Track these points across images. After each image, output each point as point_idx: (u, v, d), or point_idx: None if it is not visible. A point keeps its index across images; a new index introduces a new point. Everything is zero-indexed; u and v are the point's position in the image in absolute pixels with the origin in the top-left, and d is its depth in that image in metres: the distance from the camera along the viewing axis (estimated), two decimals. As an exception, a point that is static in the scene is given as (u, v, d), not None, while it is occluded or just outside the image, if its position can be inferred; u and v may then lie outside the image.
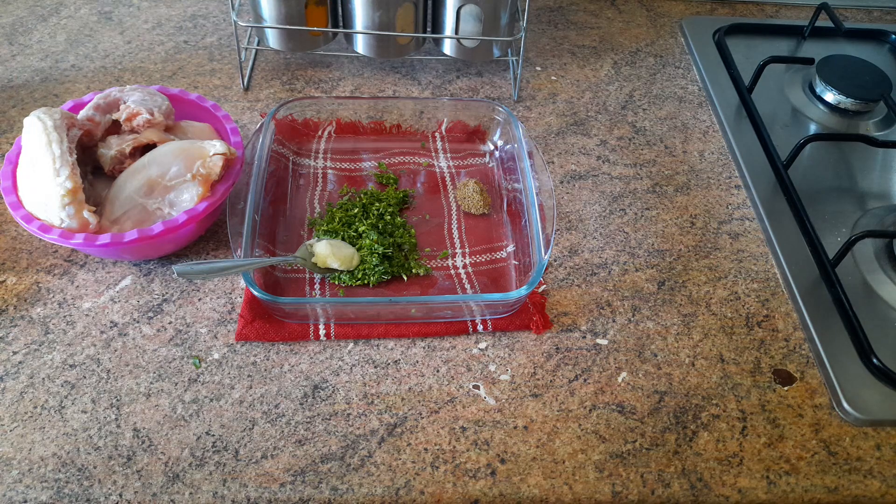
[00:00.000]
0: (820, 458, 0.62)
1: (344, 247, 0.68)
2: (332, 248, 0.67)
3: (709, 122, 0.91)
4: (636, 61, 0.99)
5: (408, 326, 0.67)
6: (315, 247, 0.67)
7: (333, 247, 0.67)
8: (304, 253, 0.67)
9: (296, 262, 0.67)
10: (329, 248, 0.67)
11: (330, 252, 0.67)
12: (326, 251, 0.67)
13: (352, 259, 0.68)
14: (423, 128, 0.83)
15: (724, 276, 0.74)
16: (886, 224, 0.79)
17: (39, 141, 0.65)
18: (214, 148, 0.67)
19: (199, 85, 0.89)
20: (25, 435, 0.59)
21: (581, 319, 0.69)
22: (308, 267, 0.67)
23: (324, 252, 0.67)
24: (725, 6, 1.10)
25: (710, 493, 0.59)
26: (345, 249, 0.68)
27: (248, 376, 0.63)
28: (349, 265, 0.68)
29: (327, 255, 0.67)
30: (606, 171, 0.83)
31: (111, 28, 0.96)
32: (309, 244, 0.68)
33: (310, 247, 0.68)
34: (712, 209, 0.81)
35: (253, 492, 0.57)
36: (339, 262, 0.67)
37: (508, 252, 0.73)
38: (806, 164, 0.86)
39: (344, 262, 0.67)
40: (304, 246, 0.68)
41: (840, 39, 1.04)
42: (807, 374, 0.67)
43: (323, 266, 0.67)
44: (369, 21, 0.85)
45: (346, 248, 0.68)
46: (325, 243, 0.68)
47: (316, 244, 0.68)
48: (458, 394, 0.63)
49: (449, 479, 0.58)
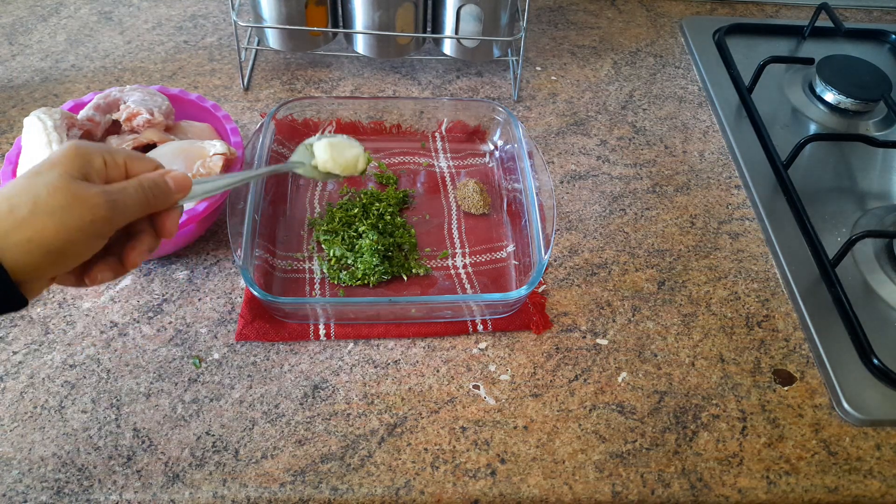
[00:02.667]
0: (820, 458, 0.62)
1: (346, 147, 0.58)
2: (332, 151, 0.58)
3: (709, 122, 0.91)
4: (636, 61, 0.99)
5: (408, 326, 0.67)
6: (315, 147, 0.58)
7: (334, 149, 0.58)
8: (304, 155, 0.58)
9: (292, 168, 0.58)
10: (329, 150, 0.58)
11: (329, 156, 0.58)
12: (326, 155, 0.58)
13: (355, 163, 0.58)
14: (423, 128, 0.83)
15: (724, 276, 0.74)
16: (886, 224, 0.79)
17: (39, 141, 0.65)
18: (214, 148, 0.67)
19: (199, 85, 0.89)
20: (25, 435, 0.59)
21: (581, 319, 0.69)
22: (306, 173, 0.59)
23: (323, 156, 0.58)
24: (725, 6, 1.10)
25: (710, 493, 0.59)
26: (347, 151, 0.58)
27: (248, 376, 0.63)
28: (353, 170, 0.59)
29: (327, 160, 0.58)
30: (606, 171, 0.83)
31: (111, 28, 0.96)
32: (308, 144, 0.59)
33: (309, 147, 0.59)
34: (712, 209, 0.81)
35: (253, 492, 0.57)
36: (341, 167, 0.58)
37: (508, 252, 0.73)
38: (806, 164, 0.86)
39: (347, 168, 0.58)
40: (302, 146, 0.59)
41: (840, 39, 1.04)
42: (807, 374, 0.67)
43: (323, 171, 0.59)
44: (369, 21, 0.85)
45: (349, 148, 0.59)
46: (325, 144, 0.58)
47: (315, 144, 0.58)
48: (458, 394, 0.63)
49: (449, 479, 0.58)
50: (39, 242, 0.42)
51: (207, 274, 0.70)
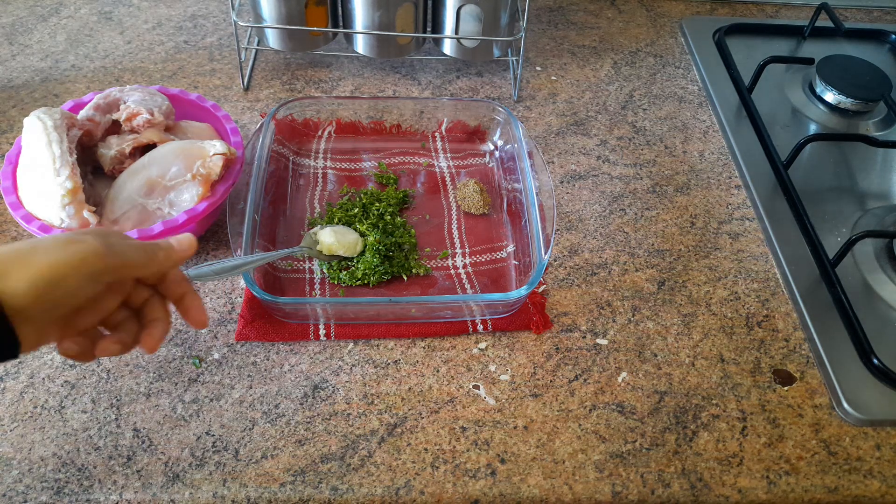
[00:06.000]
0: (820, 458, 0.62)
1: (347, 233, 0.70)
2: (336, 236, 0.68)
3: (709, 122, 0.91)
4: (636, 61, 0.99)
5: (408, 326, 0.67)
6: (319, 235, 0.69)
7: (337, 234, 0.69)
8: (309, 242, 0.68)
9: (302, 253, 0.67)
10: (333, 235, 0.68)
11: (335, 240, 0.68)
12: (331, 239, 0.68)
13: (356, 245, 0.69)
14: (423, 128, 0.83)
15: (724, 276, 0.74)
16: (886, 224, 0.79)
17: (39, 141, 0.65)
18: (214, 148, 0.67)
19: (199, 85, 0.89)
20: (25, 435, 0.59)
21: (581, 319, 0.69)
22: (314, 256, 0.68)
23: (328, 240, 0.68)
24: (725, 6, 1.10)
25: (710, 493, 0.59)
26: (348, 236, 0.69)
27: (248, 376, 0.63)
28: (353, 251, 0.69)
29: (332, 243, 0.68)
30: (606, 171, 0.83)
31: (111, 28, 0.96)
32: (312, 233, 0.69)
33: (314, 235, 0.69)
34: (712, 209, 0.81)
35: (253, 492, 0.57)
36: (344, 248, 0.69)
37: (508, 252, 0.73)
38: (806, 164, 0.86)
39: (349, 249, 0.69)
40: (308, 235, 0.69)
41: (840, 39, 1.04)
42: (807, 374, 0.67)
43: (329, 254, 0.68)
44: (369, 21, 0.85)
45: (349, 233, 0.70)
46: (328, 231, 0.69)
47: (320, 232, 0.69)
48: (458, 394, 0.63)
49: (449, 479, 0.58)
50: (33, 274, 0.43)
51: (207, 274, 0.70)
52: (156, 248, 0.50)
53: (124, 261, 0.47)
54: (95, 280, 0.46)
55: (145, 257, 0.49)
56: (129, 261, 0.48)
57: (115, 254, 0.46)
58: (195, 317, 0.52)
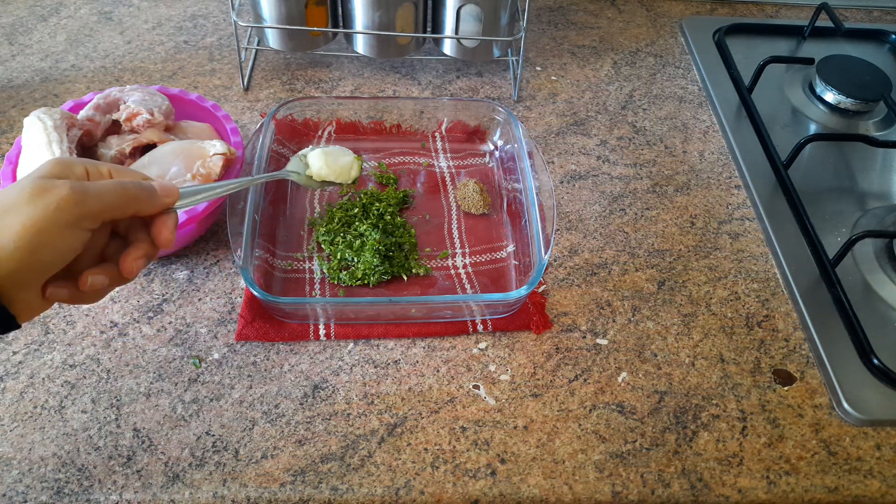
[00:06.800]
0: (820, 458, 0.62)
1: (340, 155, 0.62)
2: (326, 158, 0.61)
3: (709, 122, 0.91)
4: (636, 61, 0.99)
5: (408, 326, 0.67)
6: (308, 157, 0.61)
7: (328, 156, 0.61)
8: (297, 165, 0.61)
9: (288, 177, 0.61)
10: (323, 158, 0.61)
11: (324, 163, 0.61)
12: (320, 162, 0.61)
13: (350, 169, 0.62)
14: (423, 128, 0.83)
15: (724, 276, 0.74)
16: (886, 224, 0.79)
17: (39, 141, 0.65)
18: (214, 148, 0.67)
19: (199, 85, 0.89)
20: (25, 435, 0.59)
21: (581, 319, 0.69)
22: (302, 182, 0.62)
23: (318, 163, 0.61)
24: (725, 6, 1.10)
25: (710, 493, 0.59)
26: (341, 158, 0.62)
27: (248, 376, 0.63)
28: (347, 177, 0.62)
29: (321, 167, 0.61)
30: (606, 171, 0.83)
31: (111, 28, 0.96)
32: (302, 154, 0.62)
33: (303, 157, 0.61)
34: (712, 209, 0.81)
35: (253, 492, 0.57)
36: (336, 174, 0.61)
37: (508, 252, 0.73)
38: (806, 164, 0.86)
39: (341, 175, 0.61)
40: (296, 157, 0.61)
41: (840, 39, 1.04)
42: (807, 374, 0.67)
43: (319, 180, 0.62)
44: (369, 21, 0.85)
45: (342, 156, 0.62)
46: (318, 153, 0.62)
47: (309, 154, 0.62)
48: (458, 394, 0.63)
49: (449, 479, 0.58)
50: (9, 240, 0.40)
51: (207, 274, 0.70)
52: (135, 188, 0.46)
53: (103, 204, 0.44)
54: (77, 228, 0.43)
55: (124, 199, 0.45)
56: (108, 204, 0.44)
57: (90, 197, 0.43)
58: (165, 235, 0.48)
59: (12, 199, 0.41)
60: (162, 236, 0.47)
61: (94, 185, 0.44)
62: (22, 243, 0.40)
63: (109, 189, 0.44)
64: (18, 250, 0.40)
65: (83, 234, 0.43)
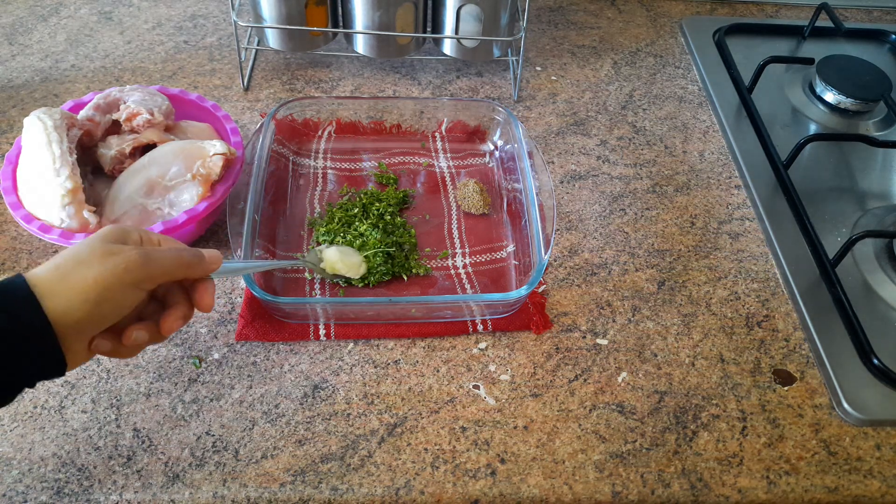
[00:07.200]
0: (820, 458, 0.62)
1: (352, 254, 0.70)
2: (341, 255, 0.69)
3: (709, 122, 0.91)
4: (636, 61, 0.99)
5: (408, 326, 0.67)
6: (324, 253, 0.69)
7: (343, 254, 0.69)
8: (314, 258, 0.68)
9: (306, 266, 0.68)
10: (338, 254, 0.69)
11: (339, 259, 0.68)
12: (336, 258, 0.68)
13: (359, 267, 0.69)
14: (423, 128, 0.83)
15: (724, 276, 0.74)
16: (886, 224, 0.79)
17: (39, 141, 0.65)
18: (214, 148, 0.67)
19: (199, 85, 0.89)
20: (25, 435, 0.59)
21: (581, 319, 0.69)
22: (317, 272, 0.68)
23: (333, 259, 0.68)
24: (725, 6, 1.10)
25: (710, 493, 0.59)
26: (353, 257, 0.69)
27: (248, 376, 0.63)
28: (356, 273, 0.69)
29: (336, 262, 0.68)
30: (606, 171, 0.83)
31: (111, 28, 0.96)
32: (319, 250, 0.69)
33: (319, 252, 0.69)
34: (712, 209, 0.81)
35: (253, 492, 0.57)
36: (347, 269, 0.69)
37: (508, 252, 0.73)
38: (806, 164, 0.86)
39: (351, 270, 0.69)
40: (314, 252, 0.69)
41: (840, 39, 1.04)
42: (807, 374, 0.67)
43: (332, 272, 0.68)
44: (369, 21, 0.85)
45: (354, 255, 0.70)
46: (334, 250, 0.69)
47: (325, 250, 0.69)
48: (458, 394, 0.63)
49: (449, 479, 0.58)
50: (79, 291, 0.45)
51: (207, 274, 0.70)
52: (191, 256, 0.51)
53: (163, 269, 0.49)
54: (138, 288, 0.48)
55: (180, 265, 0.50)
56: (167, 269, 0.49)
57: (153, 261, 0.48)
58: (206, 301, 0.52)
59: (84, 255, 0.46)
60: (204, 301, 0.52)
61: (156, 252, 0.49)
62: (91, 296, 0.45)
63: (168, 256, 0.50)
64: (87, 303, 0.45)
65: (141, 293, 0.49)
